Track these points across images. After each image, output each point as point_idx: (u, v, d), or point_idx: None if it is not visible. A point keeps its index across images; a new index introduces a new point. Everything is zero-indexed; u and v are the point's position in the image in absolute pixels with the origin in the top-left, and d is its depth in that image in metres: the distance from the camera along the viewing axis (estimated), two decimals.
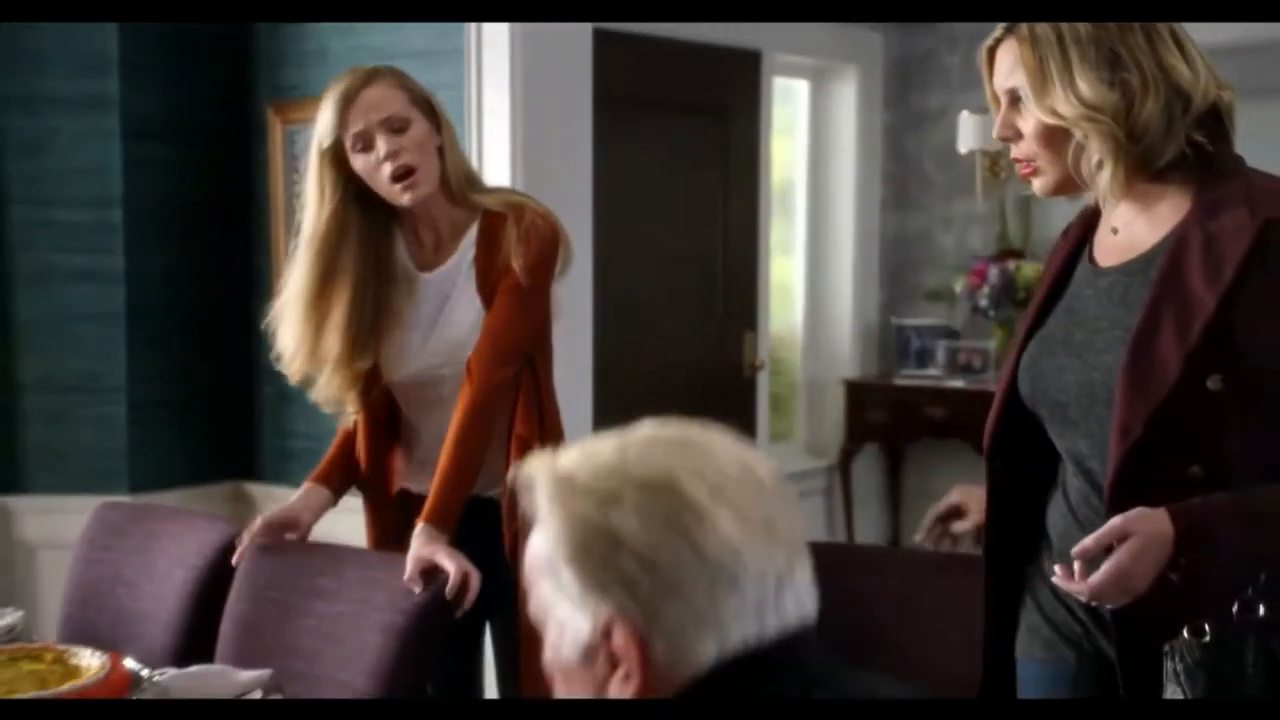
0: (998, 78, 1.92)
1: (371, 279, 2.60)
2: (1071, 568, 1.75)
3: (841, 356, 6.29)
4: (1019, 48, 1.86)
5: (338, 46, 3.95)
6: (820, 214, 6.29)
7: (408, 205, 2.56)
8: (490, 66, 3.70)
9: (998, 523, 2.06)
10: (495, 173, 3.67)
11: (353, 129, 2.51)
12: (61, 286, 3.93)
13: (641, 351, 5.15)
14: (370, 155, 2.52)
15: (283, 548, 2.66)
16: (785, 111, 6.12)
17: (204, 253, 4.13)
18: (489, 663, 2.83)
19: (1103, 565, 1.72)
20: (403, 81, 2.58)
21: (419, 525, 2.48)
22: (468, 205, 2.63)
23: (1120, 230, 1.92)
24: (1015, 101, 1.89)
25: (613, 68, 4.38)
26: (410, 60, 3.75)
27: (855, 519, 6.05)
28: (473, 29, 3.71)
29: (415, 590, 2.41)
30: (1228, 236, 1.78)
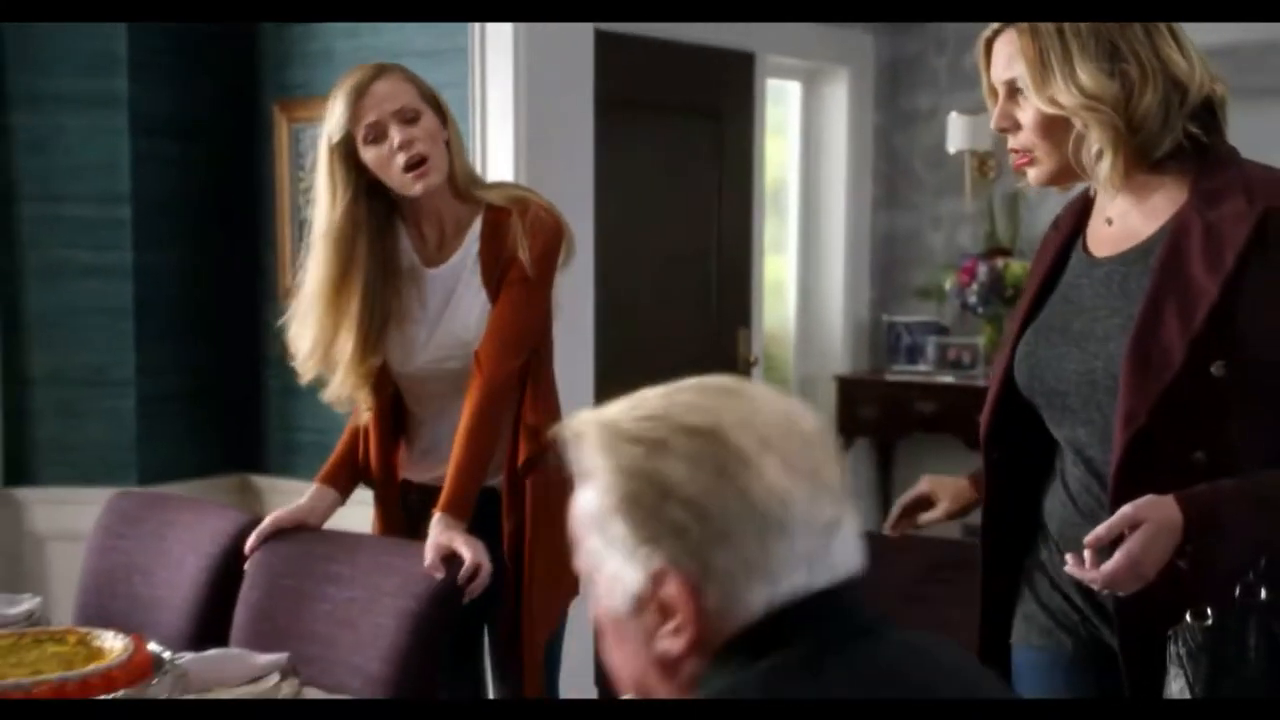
0: (996, 69, 1.89)
1: (379, 275, 2.59)
2: (1082, 556, 1.73)
3: (833, 353, 6.31)
4: (1019, 39, 1.84)
5: (343, 46, 3.93)
6: (812, 213, 6.30)
7: (419, 194, 2.53)
8: (493, 66, 3.68)
9: (994, 512, 2.05)
10: (499, 170, 3.65)
11: (365, 120, 2.50)
12: (71, 281, 3.90)
13: (638, 348, 5.14)
14: (383, 146, 2.50)
15: (295, 536, 2.64)
16: (778, 112, 6.13)
17: (211, 248, 4.10)
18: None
19: (1115, 553, 1.70)
20: (410, 76, 2.58)
21: (436, 514, 2.46)
22: (471, 200, 2.61)
23: (1115, 221, 1.90)
24: (1013, 93, 1.86)
25: (610, 69, 4.36)
26: (414, 59, 3.72)
27: None
28: (476, 29, 3.68)
29: (437, 576, 2.39)
30: (1228, 225, 1.77)
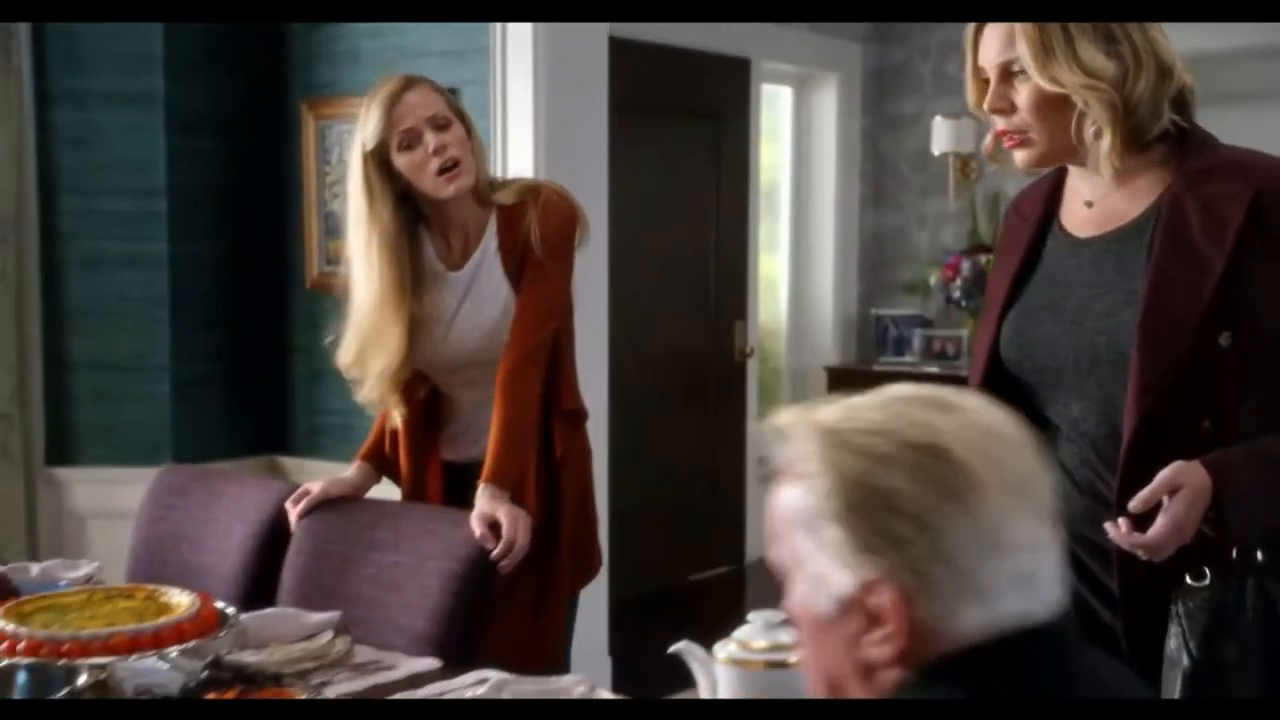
0: (988, 53, 1.84)
1: (410, 279, 2.62)
2: (1118, 523, 1.69)
3: (824, 345, 6.35)
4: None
5: (368, 47, 3.97)
6: (803, 213, 6.35)
7: (450, 196, 2.56)
8: (514, 66, 3.72)
9: None
10: (519, 165, 3.69)
11: (400, 127, 2.52)
12: (109, 272, 3.94)
13: (643, 340, 5.20)
14: (416, 152, 2.53)
15: (339, 505, 2.68)
16: (771, 117, 6.18)
17: (242, 239, 4.15)
18: None
19: (1159, 518, 1.67)
20: (437, 87, 2.61)
21: (480, 486, 2.49)
22: (488, 204, 2.65)
23: (1096, 203, 1.88)
24: (1008, 75, 1.82)
25: (615, 73, 4.40)
26: (437, 59, 3.78)
27: None
28: (497, 31, 3.71)
29: (488, 546, 2.42)
30: (1224, 202, 1.76)
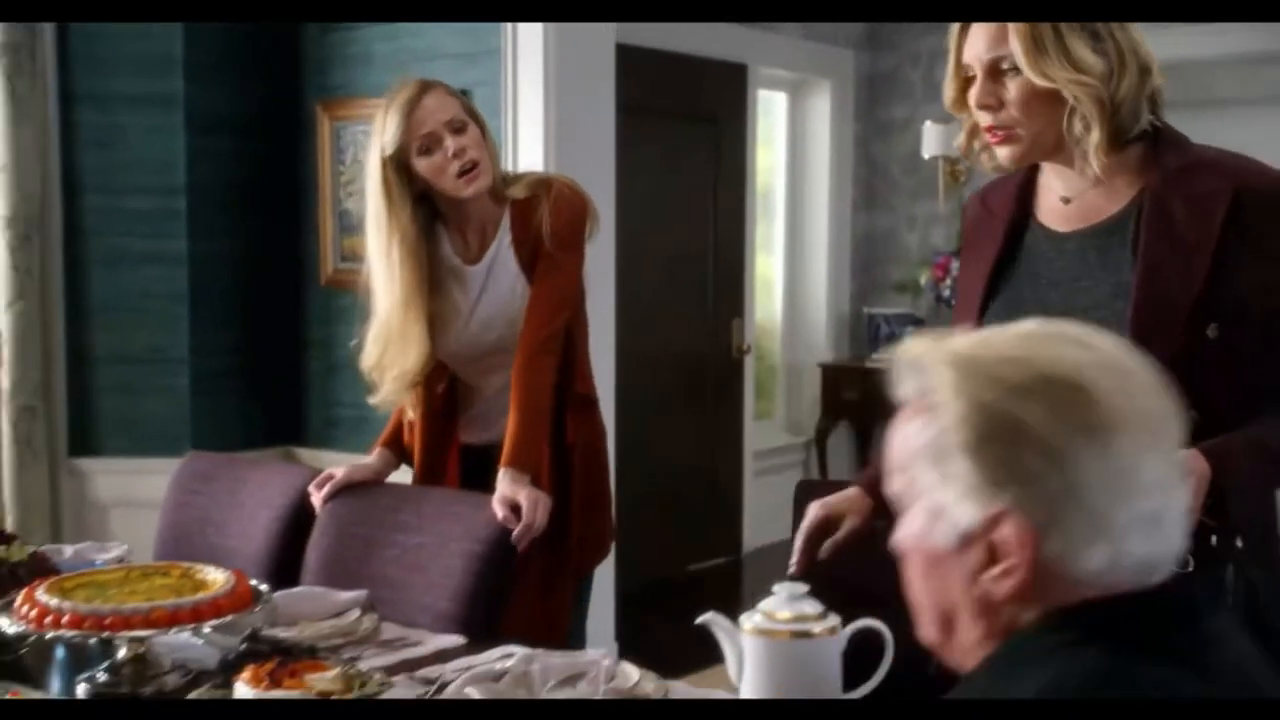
0: (975, 50, 1.81)
1: (429, 278, 2.63)
2: None
3: (817, 343, 6.38)
4: None
5: (381, 50, 3.99)
6: (798, 214, 6.38)
7: (469, 196, 2.58)
8: (524, 67, 3.73)
9: None
10: (529, 164, 3.68)
11: (420, 132, 2.53)
12: (130, 268, 3.96)
13: (643, 337, 5.21)
14: (436, 155, 2.54)
15: (362, 490, 2.69)
16: (766, 123, 6.21)
17: (259, 237, 4.16)
18: None
19: None
20: (452, 90, 2.62)
21: (501, 469, 2.50)
22: (502, 199, 2.66)
23: (1074, 199, 1.86)
24: (998, 72, 1.79)
25: (618, 77, 4.42)
26: (450, 61, 3.79)
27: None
28: (508, 34, 3.73)
29: (511, 527, 2.43)
30: (1207, 198, 1.76)
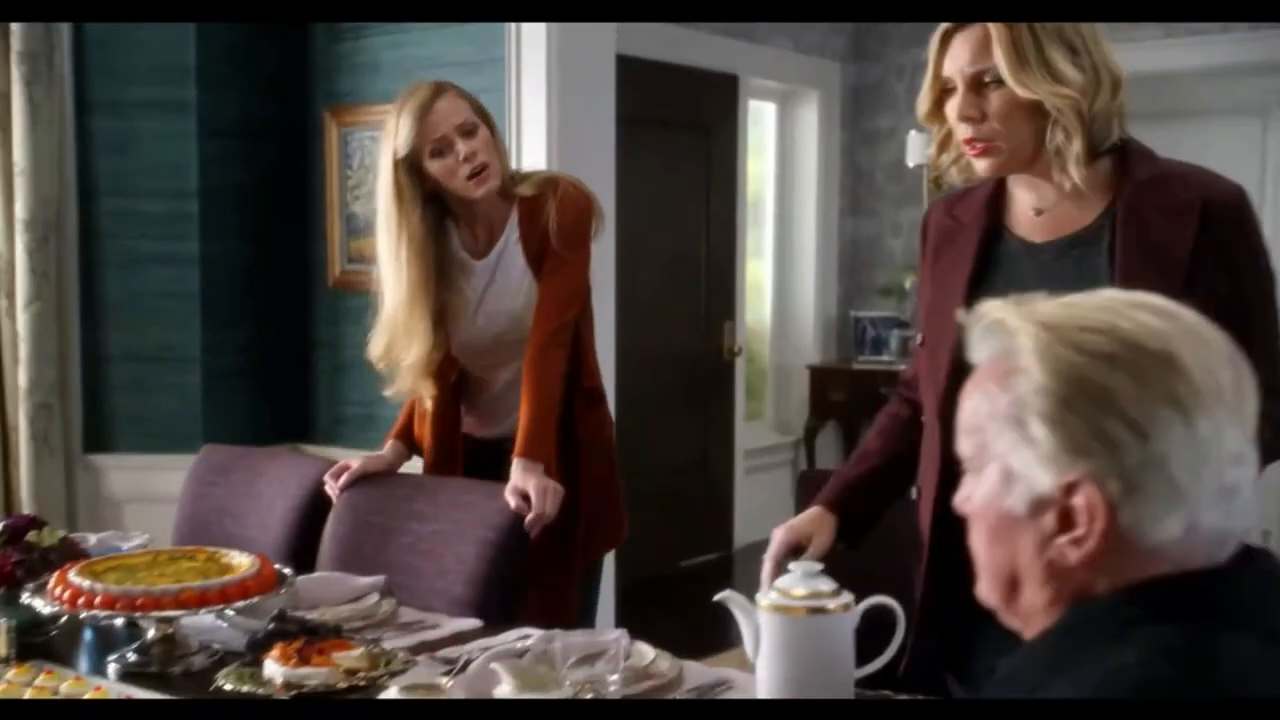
0: (957, 62, 1.78)
1: (435, 276, 2.64)
2: None
3: (806, 345, 6.42)
4: (994, 29, 1.74)
5: (388, 58, 4.00)
6: (787, 221, 6.42)
7: (480, 197, 2.59)
8: (528, 75, 3.75)
9: (950, 479, 1.81)
10: (533, 165, 3.72)
11: (433, 136, 2.54)
12: (144, 269, 3.96)
13: (639, 338, 5.23)
14: (447, 158, 2.55)
15: (376, 480, 2.71)
16: (756, 133, 6.25)
17: (268, 239, 4.17)
18: None
19: None
20: (463, 92, 2.62)
21: (514, 461, 2.52)
22: (510, 197, 2.68)
23: (1046, 210, 1.84)
24: (979, 85, 1.77)
25: (616, 88, 4.44)
26: (455, 69, 3.80)
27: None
28: (512, 41, 3.74)
29: (524, 515, 2.46)
30: (1180, 206, 1.75)
